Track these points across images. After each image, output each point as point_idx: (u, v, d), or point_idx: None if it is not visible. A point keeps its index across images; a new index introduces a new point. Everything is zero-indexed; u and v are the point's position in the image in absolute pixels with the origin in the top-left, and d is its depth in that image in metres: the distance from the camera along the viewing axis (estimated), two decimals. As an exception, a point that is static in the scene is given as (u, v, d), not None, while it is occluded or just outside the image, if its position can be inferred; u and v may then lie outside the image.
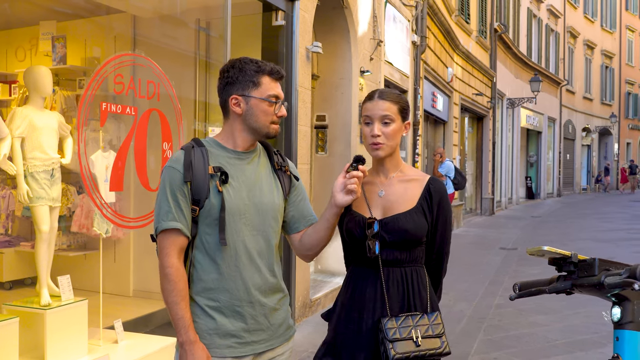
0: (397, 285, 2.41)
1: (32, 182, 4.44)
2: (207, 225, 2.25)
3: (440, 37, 14.84)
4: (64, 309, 4.31)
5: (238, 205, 2.26)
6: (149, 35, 6.27)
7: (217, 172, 2.24)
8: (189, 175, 2.21)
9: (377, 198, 2.49)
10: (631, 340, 1.89)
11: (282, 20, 6.24)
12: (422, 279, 2.47)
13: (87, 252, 6.03)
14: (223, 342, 2.26)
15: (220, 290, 2.26)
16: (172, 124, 4.72)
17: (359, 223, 2.44)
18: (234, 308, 2.26)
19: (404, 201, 2.46)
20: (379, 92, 2.49)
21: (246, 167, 2.34)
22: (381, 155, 2.47)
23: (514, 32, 24.16)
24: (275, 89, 2.32)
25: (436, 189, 2.49)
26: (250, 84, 2.30)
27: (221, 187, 2.23)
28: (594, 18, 36.56)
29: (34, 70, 4.62)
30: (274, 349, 2.38)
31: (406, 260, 2.43)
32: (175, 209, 2.22)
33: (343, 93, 8.38)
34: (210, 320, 2.26)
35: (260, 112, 2.30)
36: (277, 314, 2.38)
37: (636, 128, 43.17)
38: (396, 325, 2.31)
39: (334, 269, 8.26)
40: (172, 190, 2.23)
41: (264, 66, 2.32)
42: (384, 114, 2.43)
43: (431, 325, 2.36)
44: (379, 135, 2.44)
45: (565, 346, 5.98)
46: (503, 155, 23.51)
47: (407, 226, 2.39)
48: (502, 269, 10.35)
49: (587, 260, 2.04)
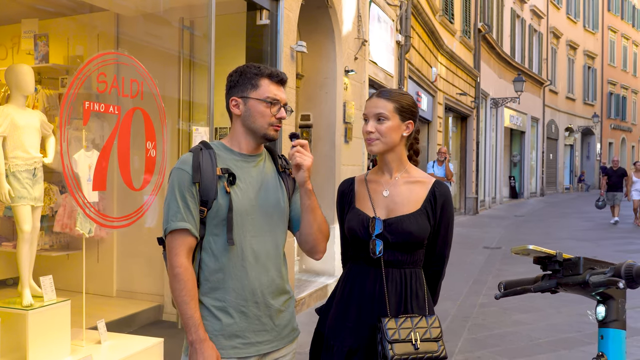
0: (396, 286, 2.42)
1: (13, 181, 4.39)
2: (215, 226, 2.28)
3: (425, 37, 14.89)
4: (47, 310, 4.27)
5: (245, 206, 2.30)
6: (132, 34, 6.23)
7: (224, 173, 2.29)
8: (198, 176, 2.26)
9: (381, 198, 2.51)
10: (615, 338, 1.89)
11: (266, 19, 6.23)
12: (420, 280, 2.49)
13: (69, 252, 5.97)
14: (228, 343, 2.28)
15: (226, 290, 2.28)
16: (156, 123, 4.69)
17: (363, 222, 2.46)
18: (239, 308, 2.28)
19: (408, 203, 2.47)
20: (379, 91, 2.55)
21: (252, 170, 2.39)
22: (374, 151, 2.50)
23: (497, 33, 24.30)
24: (273, 92, 2.36)
25: (441, 192, 2.50)
26: (249, 86, 2.35)
27: (229, 188, 2.27)
28: (576, 19, 36.86)
29: (16, 68, 4.57)
30: (278, 350, 2.39)
31: (407, 261, 2.45)
32: (184, 209, 2.25)
33: (327, 92, 8.38)
34: (216, 322, 2.28)
35: (258, 114, 2.34)
36: (282, 316, 2.40)
37: (618, 128, 43.58)
38: (396, 327, 2.32)
39: (319, 268, 8.26)
40: (180, 192, 2.26)
41: (264, 70, 2.37)
42: (377, 112, 2.47)
43: (429, 328, 2.38)
44: (371, 131, 2.47)
45: (549, 345, 6.02)
46: (487, 154, 23.64)
47: (411, 228, 2.41)
48: (486, 268, 10.40)
49: (572, 259, 2.04)
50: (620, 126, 43.78)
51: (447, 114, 18.86)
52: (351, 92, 8.88)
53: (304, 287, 7.59)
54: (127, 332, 4.97)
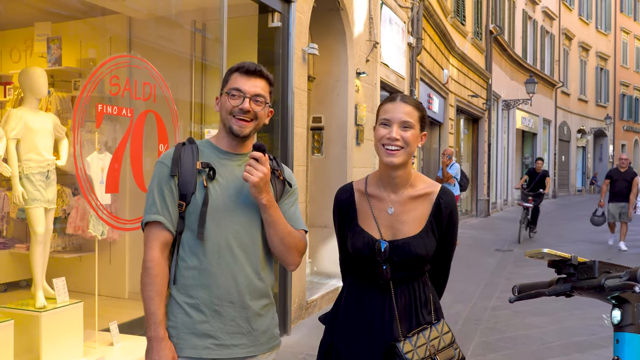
0: (405, 301, 2.34)
1: (27, 183, 4.42)
2: (193, 222, 2.23)
3: (436, 39, 14.86)
4: (59, 311, 4.29)
5: (224, 201, 2.25)
6: (144, 37, 6.26)
7: (204, 167, 2.26)
8: (176, 169, 2.23)
9: (385, 216, 2.37)
10: (631, 342, 1.88)
11: (278, 22, 6.24)
12: (426, 286, 2.42)
13: (82, 254, 6.00)
14: (200, 342, 2.22)
15: (199, 287, 2.22)
16: (168, 126, 4.70)
17: (368, 244, 2.33)
18: (212, 307, 2.23)
19: (413, 221, 2.35)
20: (400, 96, 2.36)
21: (237, 169, 2.32)
22: (395, 163, 2.29)
23: (509, 34, 24.21)
24: (238, 83, 2.29)
25: (446, 203, 2.37)
26: (224, 83, 2.35)
27: (207, 183, 2.24)
28: (589, 20, 36.68)
29: (29, 71, 4.60)
30: (254, 356, 2.31)
31: (414, 276, 2.37)
32: (160, 202, 2.23)
33: (339, 95, 8.38)
34: (187, 318, 2.22)
35: (223, 107, 2.32)
36: (261, 320, 2.32)
37: (631, 129, 43.32)
38: (413, 348, 2.23)
39: (330, 270, 8.25)
40: (159, 185, 2.25)
41: (237, 65, 2.34)
42: (405, 119, 2.28)
43: (442, 336, 2.31)
44: (397, 139, 2.27)
45: (562, 348, 5.98)
46: (498, 156, 23.55)
47: (418, 251, 2.31)
48: (498, 270, 10.36)
49: (587, 263, 2.03)
50: (633, 128, 43.52)
51: (459, 116, 18.81)
52: (362, 95, 8.88)
53: (315, 290, 7.58)
54: (140, 334, 4.98)
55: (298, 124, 6.54)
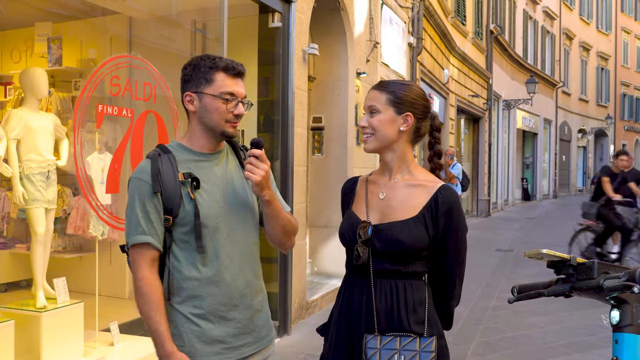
0: (386, 298, 2.17)
1: (27, 184, 4.42)
2: (184, 234, 2.17)
3: (437, 39, 14.86)
4: (60, 312, 4.29)
5: (214, 208, 2.20)
6: (145, 37, 6.26)
7: (187, 178, 2.17)
8: (158, 186, 2.13)
9: (377, 200, 2.27)
10: (630, 343, 1.88)
11: (278, 22, 6.24)
12: (421, 295, 2.20)
13: (82, 255, 6.00)
14: (209, 348, 2.20)
15: (203, 297, 2.19)
16: (169, 126, 4.70)
17: (352, 226, 2.24)
18: (218, 313, 2.21)
19: (404, 208, 2.20)
20: (377, 83, 2.33)
21: (216, 169, 2.27)
22: (368, 149, 2.29)
23: (509, 34, 24.21)
24: (230, 86, 2.21)
25: (445, 199, 2.20)
26: (203, 80, 2.21)
27: (193, 194, 2.16)
28: (589, 20, 36.66)
29: (30, 71, 4.60)
30: (258, 352, 2.33)
31: (399, 272, 2.18)
32: (145, 222, 2.14)
33: (339, 95, 8.38)
34: (196, 328, 2.20)
35: (214, 110, 2.20)
36: (260, 316, 2.33)
37: (632, 129, 43.29)
38: (379, 346, 2.08)
39: (330, 270, 8.25)
40: (141, 203, 2.15)
41: (219, 62, 2.22)
42: (369, 104, 2.25)
43: (420, 352, 2.07)
44: (364, 126, 2.26)
45: (562, 348, 5.98)
46: (499, 156, 23.56)
47: (400, 237, 2.14)
48: (498, 270, 10.36)
49: (586, 264, 2.03)
50: (633, 128, 43.49)
51: (459, 115, 18.80)
52: (363, 94, 8.87)
53: (315, 290, 7.58)
54: (140, 334, 4.98)
55: (298, 124, 6.54)
